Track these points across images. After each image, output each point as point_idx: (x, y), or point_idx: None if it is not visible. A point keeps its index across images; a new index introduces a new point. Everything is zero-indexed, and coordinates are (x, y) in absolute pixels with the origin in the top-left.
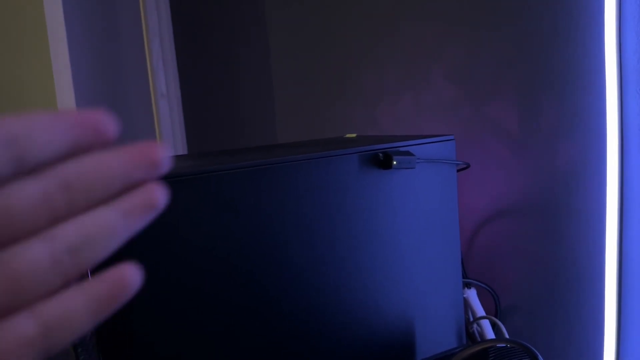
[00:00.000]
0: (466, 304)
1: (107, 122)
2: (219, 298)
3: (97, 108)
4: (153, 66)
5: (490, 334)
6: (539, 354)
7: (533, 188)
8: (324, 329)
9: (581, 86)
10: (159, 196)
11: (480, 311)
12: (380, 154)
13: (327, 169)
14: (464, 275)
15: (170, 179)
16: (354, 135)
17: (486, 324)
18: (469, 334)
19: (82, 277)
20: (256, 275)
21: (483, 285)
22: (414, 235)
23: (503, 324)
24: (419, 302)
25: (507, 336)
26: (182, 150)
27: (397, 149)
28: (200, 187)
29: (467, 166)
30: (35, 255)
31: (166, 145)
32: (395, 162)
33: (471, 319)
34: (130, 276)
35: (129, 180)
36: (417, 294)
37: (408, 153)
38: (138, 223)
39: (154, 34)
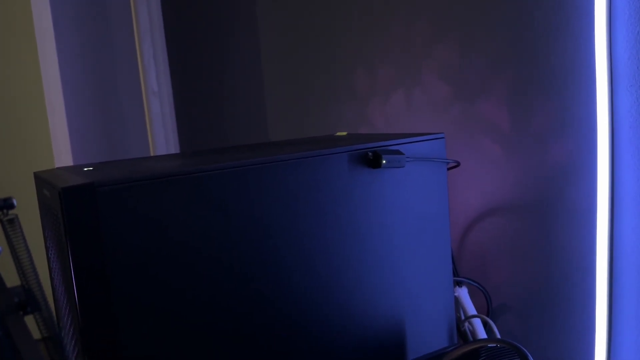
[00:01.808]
0: (457, 302)
1: None
2: (210, 298)
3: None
4: (144, 64)
5: (481, 332)
6: (529, 354)
7: (524, 186)
8: (314, 329)
9: (572, 83)
10: None
11: (471, 310)
12: (370, 153)
13: (317, 168)
14: (455, 274)
15: (160, 179)
16: (344, 133)
17: (478, 323)
18: (461, 333)
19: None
20: (246, 275)
21: (474, 283)
22: (404, 234)
23: (494, 322)
24: (409, 301)
25: (498, 335)
26: (174, 147)
27: (387, 147)
28: (190, 187)
29: (457, 164)
30: None
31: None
32: (384, 161)
33: (462, 318)
34: None
35: None
36: (408, 293)
37: (397, 152)
38: None
39: (145, 31)
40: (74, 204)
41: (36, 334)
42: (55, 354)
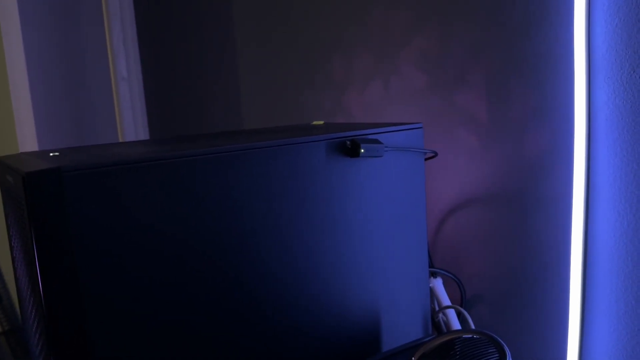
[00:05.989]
0: (432, 293)
1: None
2: (182, 287)
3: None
4: (113, 48)
5: (455, 323)
6: (504, 344)
7: (500, 177)
8: (288, 319)
9: (550, 75)
10: None
11: (445, 300)
12: (348, 142)
13: (294, 157)
14: (430, 265)
15: (131, 165)
16: (321, 122)
17: (452, 314)
18: (435, 324)
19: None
20: (220, 265)
21: (449, 274)
22: (380, 224)
23: (469, 313)
24: (385, 292)
25: (472, 325)
26: (143, 135)
27: (365, 136)
28: (163, 173)
29: (435, 155)
30: None
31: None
32: (363, 150)
33: (437, 309)
34: None
35: None
36: (383, 284)
37: (376, 141)
38: None
39: (114, 14)
40: (39, 190)
41: None
42: (18, 347)
